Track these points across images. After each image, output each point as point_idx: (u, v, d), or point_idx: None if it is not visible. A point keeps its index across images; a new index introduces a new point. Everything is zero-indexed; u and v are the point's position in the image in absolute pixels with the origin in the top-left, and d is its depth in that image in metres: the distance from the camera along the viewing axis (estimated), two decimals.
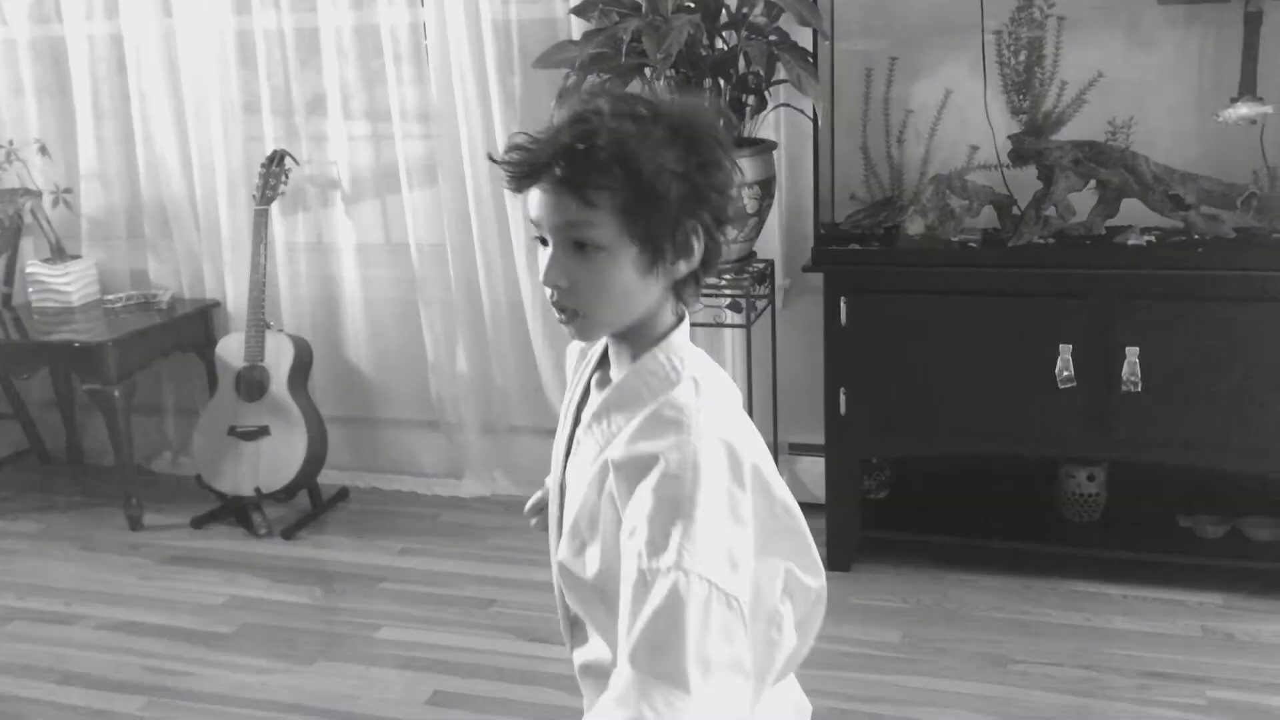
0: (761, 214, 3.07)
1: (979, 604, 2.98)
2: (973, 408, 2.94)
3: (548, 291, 1.22)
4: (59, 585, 3.32)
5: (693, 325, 3.32)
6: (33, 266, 3.88)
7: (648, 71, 3.01)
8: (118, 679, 2.81)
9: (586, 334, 1.26)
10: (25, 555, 3.52)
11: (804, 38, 2.97)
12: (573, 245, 1.18)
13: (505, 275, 3.63)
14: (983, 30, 2.99)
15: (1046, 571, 3.07)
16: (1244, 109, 2.83)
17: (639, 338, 1.25)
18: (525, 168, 1.17)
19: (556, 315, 1.23)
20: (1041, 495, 3.20)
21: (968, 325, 2.91)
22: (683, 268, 1.21)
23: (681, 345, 1.26)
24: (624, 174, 1.14)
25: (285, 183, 3.62)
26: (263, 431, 3.56)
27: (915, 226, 2.96)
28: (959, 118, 3.09)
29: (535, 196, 1.18)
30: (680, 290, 1.25)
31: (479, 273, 3.63)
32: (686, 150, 1.17)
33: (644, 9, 2.89)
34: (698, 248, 1.20)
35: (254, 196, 3.61)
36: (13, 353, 3.80)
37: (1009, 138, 2.97)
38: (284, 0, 3.61)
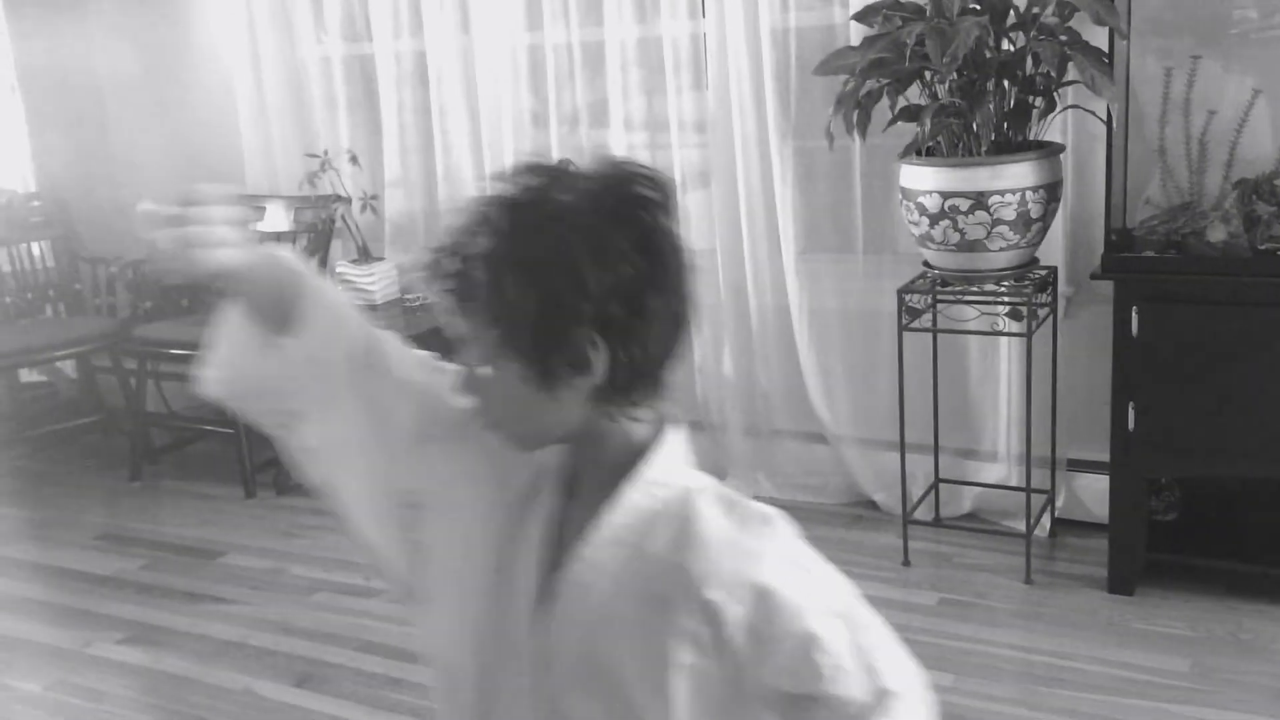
0: (1046, 219, 2.98)
1: (1276, 636, 2.79)
2: (1272, 427, 2.75)
3: None
4: (359, 561, 3.54)
5: (969, 334, 3.28)
6: (341, 267, 4.22)
7: (929, 75, 2.99)
8: (412, 649, 2.99)
9: (517, 447, 1.16)
10: (329, 531, 3.78)
11: (1097, 37, 2.86)
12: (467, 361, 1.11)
13: (773, 280, 3.67)
14: None
15: None
16: None
17: (598, 451, 1.14)
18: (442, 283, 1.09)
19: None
20: None
21: (1269, 339, 2.73)
22: (583, 383, 1.07)
23: (668, 464, 1.15)
24: (489, 289, 1.05)
25: None
26: None
27: (1217, 233, 2.80)
28: (1268, 119, 2.90)
29: None
30: (602, 404, 1.10)
31: (747, 277, 3.69)
32: (574, 251, 1.03)
33: (928, 12, 2.87)
34: (596, 360, 1.06)
35: None
36: None
37: None
38: (574, 15, 3.79)
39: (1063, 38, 2.89)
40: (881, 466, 3.57)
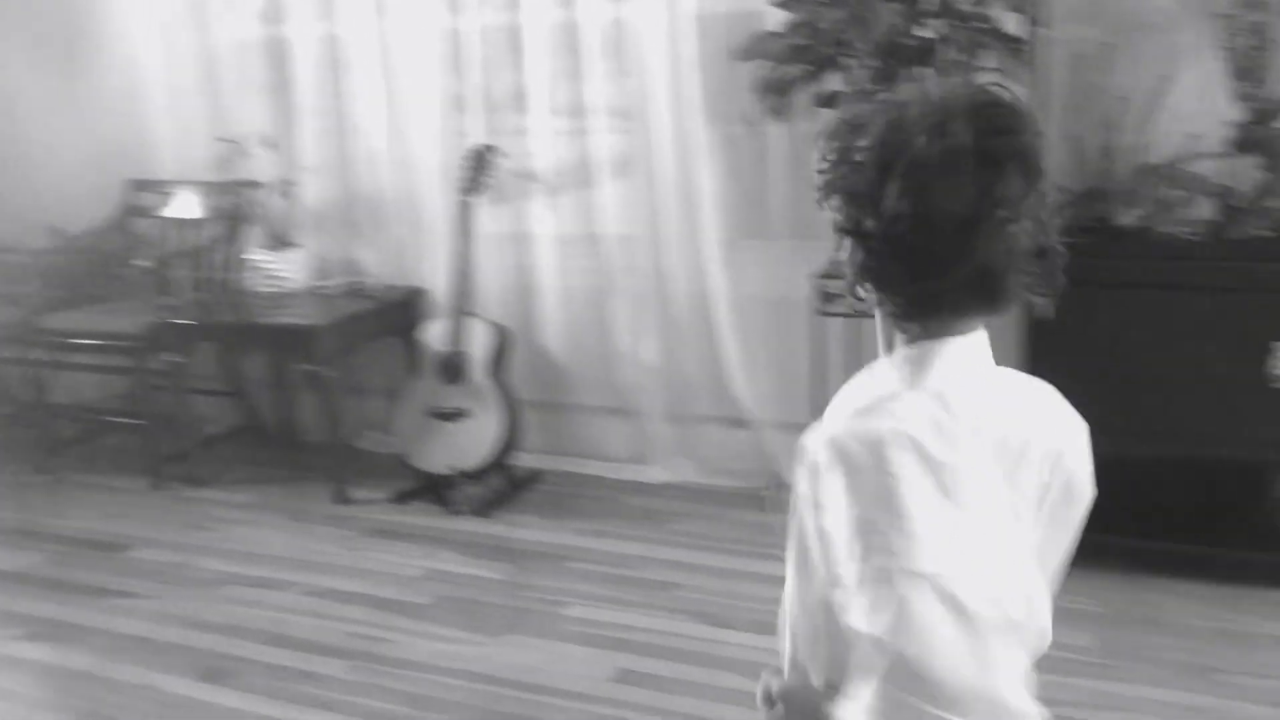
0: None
1: (1181, 611, 2.84)
2: (1179, 407, 2.81)
3: None
4: (270, 553, 3.52)
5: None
6: (255, 253, 4.14)
7: (848, 62, 3.00)
8: (323, 642, 2.97)
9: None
10: (240, 524, 3.75)
11: (1011, 24, 2.89)
12: None
13: (696, 267, 3.67)
14: (1205, 14, 2.86)
15: (1254, 580, 2.90)
16: None
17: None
18: None
19: None
20: (1252, 500, 3.04)
21: (1177, 321, 2.78)
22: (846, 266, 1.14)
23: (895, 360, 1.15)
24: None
25: (491, 176, 3.75)
26: (461, 413, 3.70)
27: (1127, 218, 2.85)
28: (1177, 106, 2.95)
29: None
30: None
31: (670, 263, 3.69)
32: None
33: None
34: (846, 246, 1.13)
35: (459, 189, 3.76)
36: (235, 334, 4.06)
37: (1232, 125, 2.82)
38: None
39: (977, 25, 2.92)
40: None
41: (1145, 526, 3.05)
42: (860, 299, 1.14)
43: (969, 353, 1.13)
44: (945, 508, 1.04)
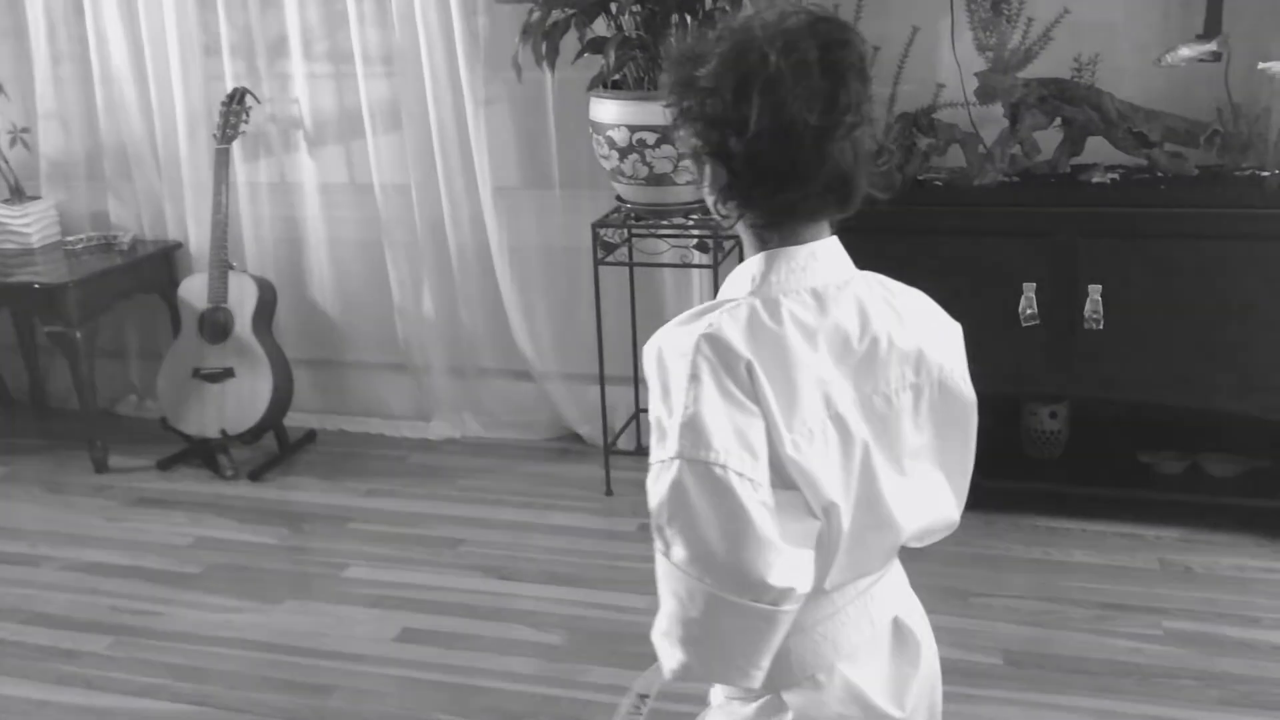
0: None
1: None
2: None
3: None
4: (24, 527, 3.30)
5: (662, 266, 3.33)
6: None
7: (613, 8, 2.98)
8: (84, 619, 2.81)
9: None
10: None
11: None
12: None
13: (472, 217, 3.60)
14: None
15: (1008, 507, 3.10)
16: (1185, 50, 2.83)
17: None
18: None
19: None
20: (1004, 432, 3.24)
21: (932, 264, 2.90)
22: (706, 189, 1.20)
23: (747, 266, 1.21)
24: None
25: (246, 121, 3.57)
26: (227, 374, 3.53)
27: (880, 165, 2.95)
28: (926, 55, 3.07)
29: None
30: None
31: (445, 215, 3.61)
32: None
33: None
34: (706, 170, 1.18)
35: (214, 136, 3.57)
36: None
37: (975, 75, 2.96)
38: None
39: None
40: (584, 400, 3.59)
41: None
42: (724, 217, 1.19)
43: (820, 257, 1.20)
44: (740, 404, 1.11)
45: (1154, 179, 2.88)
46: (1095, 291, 2.82)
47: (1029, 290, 2.85)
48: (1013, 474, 3.13)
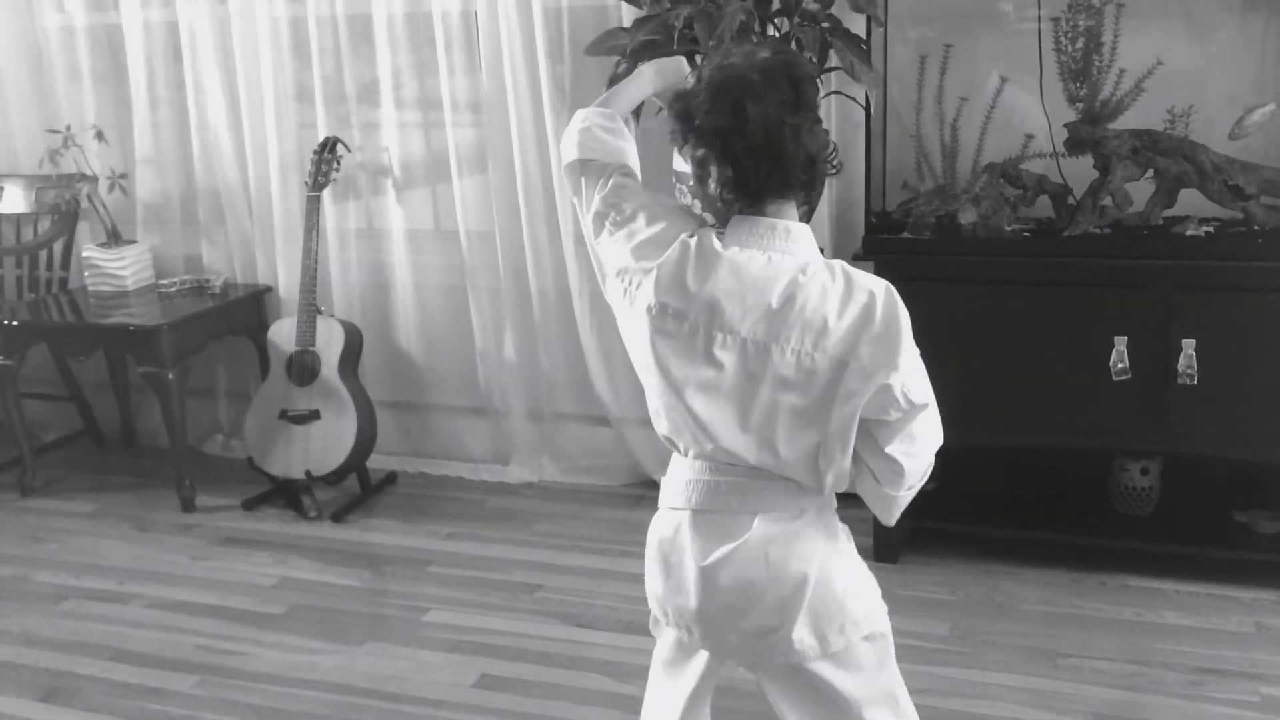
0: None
1: (1028, 597, 2.95)
2: (1025, 399, 2.91)
3: None
4: (113, 565, 3.37)
5: None
6: (89, 251, 3.94)
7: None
8: (170, 657, 2.85)
9: None
10: (80, 535, 3.58)
11: (857, 24, 2.94)
12: None
13: (554, 263, 3.64)
14: (1039, 17, 2.95)
15: (1098, 566, 3.03)
16: (1256, 115, 2.78)
17: None
18: None
19: None
20: (1094, 488, 3.17)
21: (1021, 316, 2.88)
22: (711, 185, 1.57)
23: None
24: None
25: (337, 170, 3.65)
26: (313, 415, 3.59)
27: (969, 215, 2.93)
28: (1014, 106, 3.05)
29: None
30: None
31: (527, 260, 3.65)
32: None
33: None
34: (713, 171, 1.54)
35: (306, 183, 3.65)
36: (69, 335, 3.86)
37: (1065, 126, 2.93)
38: None
39: (824, 24, 2.96)
40: (661, 446, 3.55)
41: (993, 516, 3.16)
42: (726, 203, 1.55)
43: (758, 227, 1.54)
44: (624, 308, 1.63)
45: (1250, 233, 2.82)
46: (1189, 346, 2.75)
47: (1120, 344, 2.79)
48: (1101, 531, 3.07)
